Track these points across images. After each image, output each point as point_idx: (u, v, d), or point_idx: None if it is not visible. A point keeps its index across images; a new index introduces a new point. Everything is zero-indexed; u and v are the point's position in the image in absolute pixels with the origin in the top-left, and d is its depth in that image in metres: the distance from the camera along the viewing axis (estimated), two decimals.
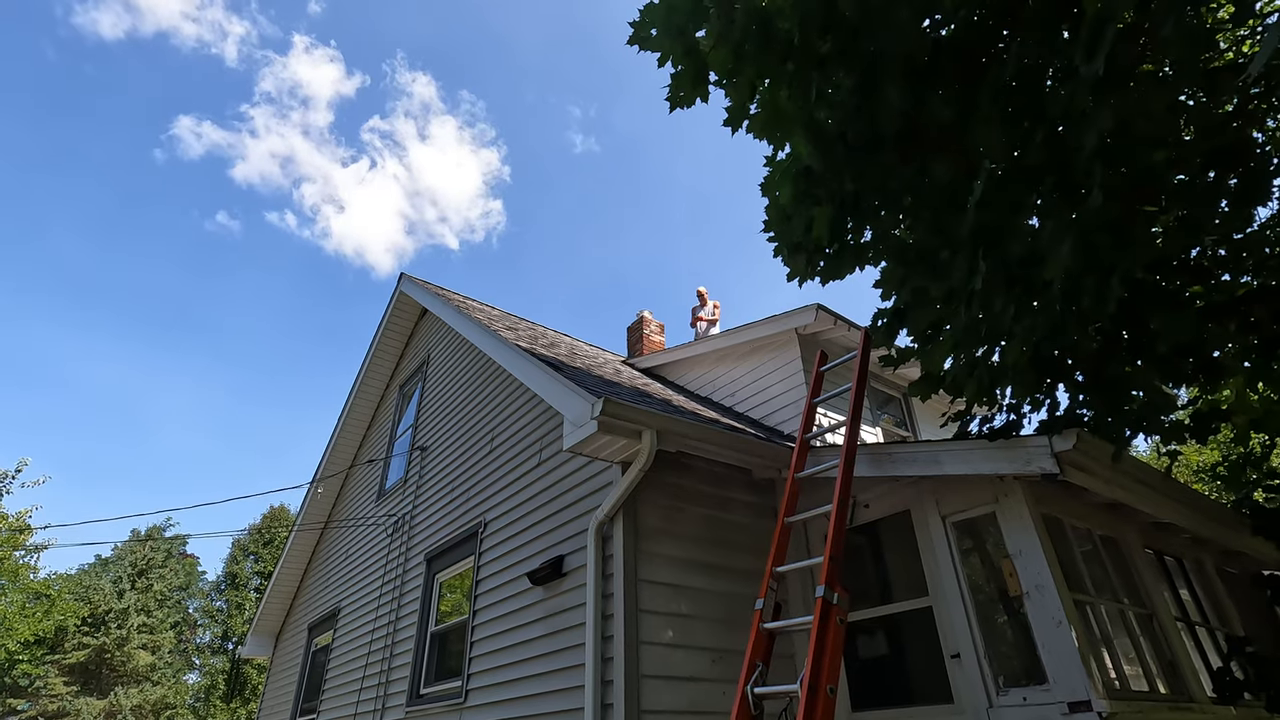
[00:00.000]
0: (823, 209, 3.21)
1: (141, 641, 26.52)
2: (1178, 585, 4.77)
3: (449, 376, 7.65)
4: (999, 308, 2.58)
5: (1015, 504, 3.58)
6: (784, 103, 3.02)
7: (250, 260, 65.38)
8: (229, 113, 64.03)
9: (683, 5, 2.80)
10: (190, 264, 63.48)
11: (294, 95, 66.60)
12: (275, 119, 64.53)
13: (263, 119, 61.96)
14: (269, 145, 63.01)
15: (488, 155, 74.12)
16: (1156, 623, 4.03)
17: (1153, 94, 2.11)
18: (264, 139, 62.28)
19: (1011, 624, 3.59)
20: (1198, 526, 4.66)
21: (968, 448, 3.55)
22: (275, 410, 68.49)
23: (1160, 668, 3.84)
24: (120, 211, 58.28)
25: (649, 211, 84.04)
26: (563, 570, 4.31)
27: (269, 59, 63.23)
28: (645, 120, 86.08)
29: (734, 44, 2.85)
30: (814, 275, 3.61)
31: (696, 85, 3.05)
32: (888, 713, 3.93)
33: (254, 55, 60.18)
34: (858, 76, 2.86)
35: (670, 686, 3.75)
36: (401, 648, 6.31)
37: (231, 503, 67.62)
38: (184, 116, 58.92)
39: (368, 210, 69.40)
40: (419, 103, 71.18)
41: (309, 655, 9.17)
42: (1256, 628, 5.12)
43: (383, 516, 8.01)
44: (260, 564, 30.39)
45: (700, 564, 4.28)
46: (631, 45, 3.05)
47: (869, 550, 4.50)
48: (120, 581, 27.55)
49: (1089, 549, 4.09)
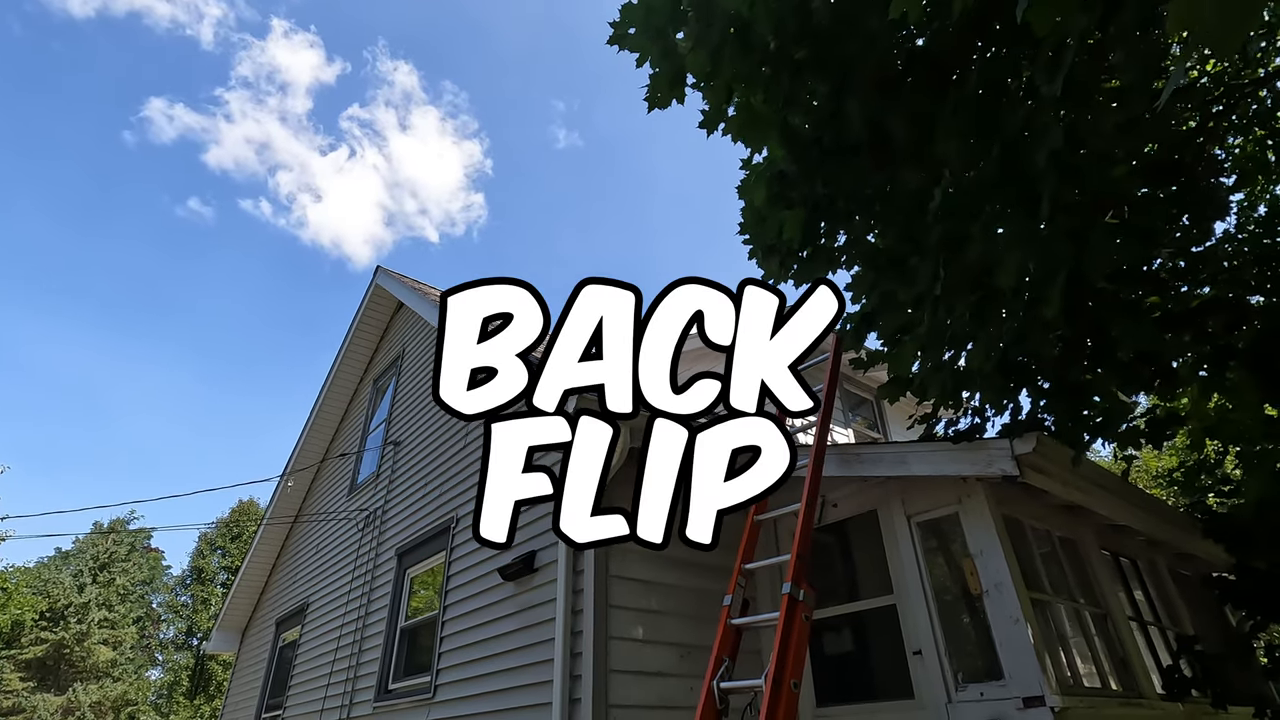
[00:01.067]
0: (795, 212, 3.27)
1: (102, 637, 25.90)
2: (1132, 586, 4.93)
3: (423, 371, 7.60)
4: (960, 313, 2.65)
5: (977, 505, 3.67)
6: (760, 107, 3.07)
7: (223, 248, 63.91)
8: (203, 96, 62.46)
9: (661, 7, 2.83)
10: (160, 249, 61.89)
11: (272, 81, 65.29)
12: (252, 104, 63.22)
13: (238, 104, 60.56)
14: (244, 130, 61.61)
15: (470, 147, 73.42)
16: (1110, 622, 4.16)
17: (1105, 114, 2.19)
18: (239, 124, 60.93)
19: (972, 622, 3.69)
20: (1153, 529, 4.81)
21: (933, 449, 3.63)
22: (245, 399, 67.19)
23: (1113, 665, 3.97)
24: (88, 193, 56.50)
25: (629, 208, 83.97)
26: (534, 566, 4.32)
27: (246, 42, 61.85)
28: (628, 117, 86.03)
29: (711, 47, 2.88)
30: (788, 277, 3.66)
31: (674, 87, 3.08)
32: (851, 708, 4.01)
33: (231, 38, 58.92)
34: (831, 84, 2.91)
35: (639, 681, 3.79)
36: (370, 643, 6.26)
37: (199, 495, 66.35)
38: (156, 98, 57.38)
39: (346, 200, 68.27)
40: (400, 92, 70.25)
41: (276, 651, 9.06)
42: (1205, 627, 5.30)
43: (354, 511, 7.94)
44: (227, 558, 29.84)
45: (670, 559, 4.31)
46: (611, 45, 3.07)
47: (836, 549, 4.58)
48: (81, 575, 26.88)
49: (1048, 550, 4.21)
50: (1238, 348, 3.34)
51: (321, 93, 67.58)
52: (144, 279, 60.51)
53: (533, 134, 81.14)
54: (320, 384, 10.03)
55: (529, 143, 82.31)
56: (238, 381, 67.14)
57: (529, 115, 79.84)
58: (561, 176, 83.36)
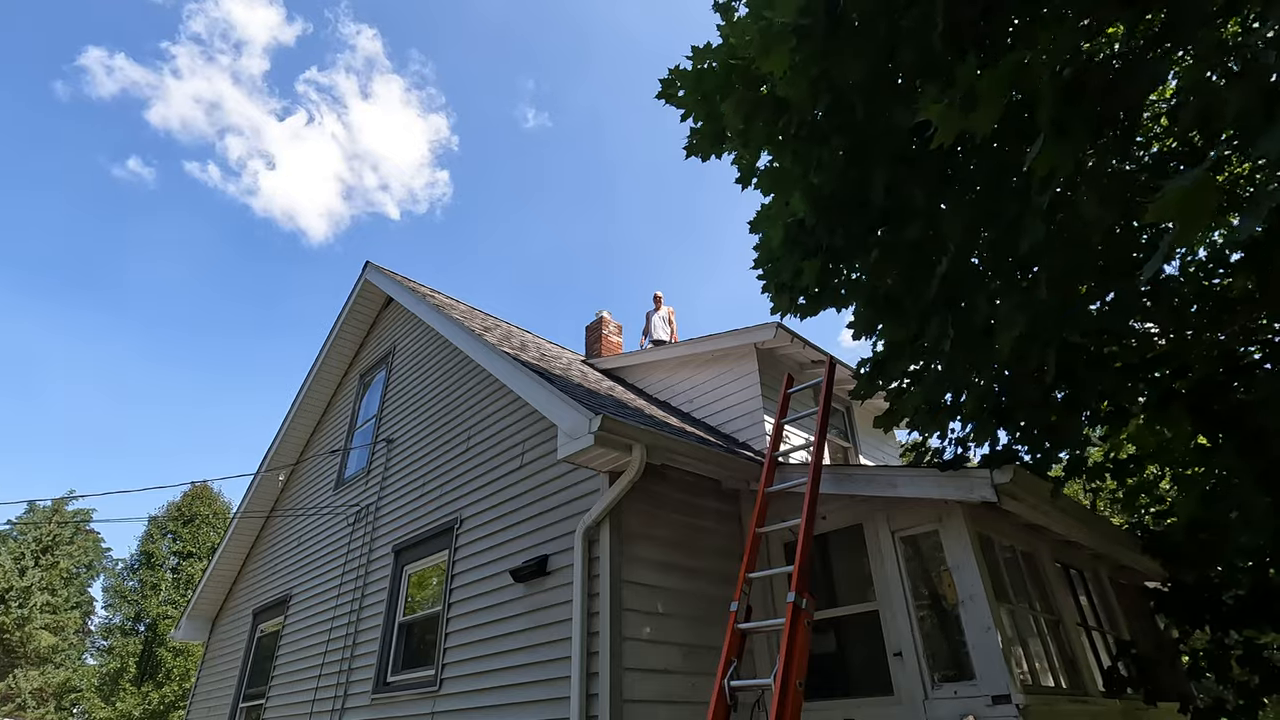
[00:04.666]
0: (812, 262, 3.63)
1: (44, 622, 25.01)
2: (1079, 593, 5.49)
3: (419, 371, 7.76)
4: (964, 365, 3.06)
5: (956, 524, 4.12)
6: (788, 166, 3.42)
7: (164, 213, 59.87)
8: (148, 49, 58.30)
9: (712, 77, 3.14)
10: (92, 212, 57.48)
11: (226, 39, 61.71)
12: (203, 61, 59.51)
13: (188, 59, 57.04)
14: (193, 88, 58.14)
15: (436, 121, 71.33)
16: (1062, 627, 4.68)
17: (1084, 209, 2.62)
18: (188, 81, 57.45)
19: (947, 628, 4.14)
20: (1097, 544, 5.37)
21: (921, 474, 4.06)
22: (189, 372, 64.18)
23: (1064, 665, 4.49)
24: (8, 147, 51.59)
25: (599, 191, 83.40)
26: (547, 569, 4.61)
27: None
28: (602, 99, 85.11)
29: (749, 114, 3.22)
30: (795, 312, 4.03)
31: (714, 143, 3.41)
32: (835, 703, 4.43)
33: None
34: (850, 149, 3.28)
35: (647, 678, 4.13)
36: (366, 636, 6.45)
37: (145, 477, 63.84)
38: (94, 48, 53.51)
39: (301, 170, 65.53)
40: (362, 58, 67.68)
41: (254, 641, 9.11)
42: (1139, 632, 5.93)
43: (342, 506, 8.06)
44: (179, 543, 29.06)
45: (673, 565, 4.66)
46: (659, 99, 3.38)
47: (823, 557, 5.00)
48: (23, 558, 25.85)
49: (1010, 558, 4.70)
50: (1180, 392, 3.86)
51: (280, 54, 64.41)
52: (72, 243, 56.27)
53: (501, 112, 79.34)
54: (298, 372, 10.05)
55: (498, 120, 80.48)
56: (178, 353, 64.01)
57: (498, 92, 77.90)
58: (529, 156, 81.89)
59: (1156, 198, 1.51)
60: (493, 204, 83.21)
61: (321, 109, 63.90)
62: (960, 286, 3.06)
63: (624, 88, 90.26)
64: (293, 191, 66.45)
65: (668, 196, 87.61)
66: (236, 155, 62.73)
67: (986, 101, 2.13)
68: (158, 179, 59.16)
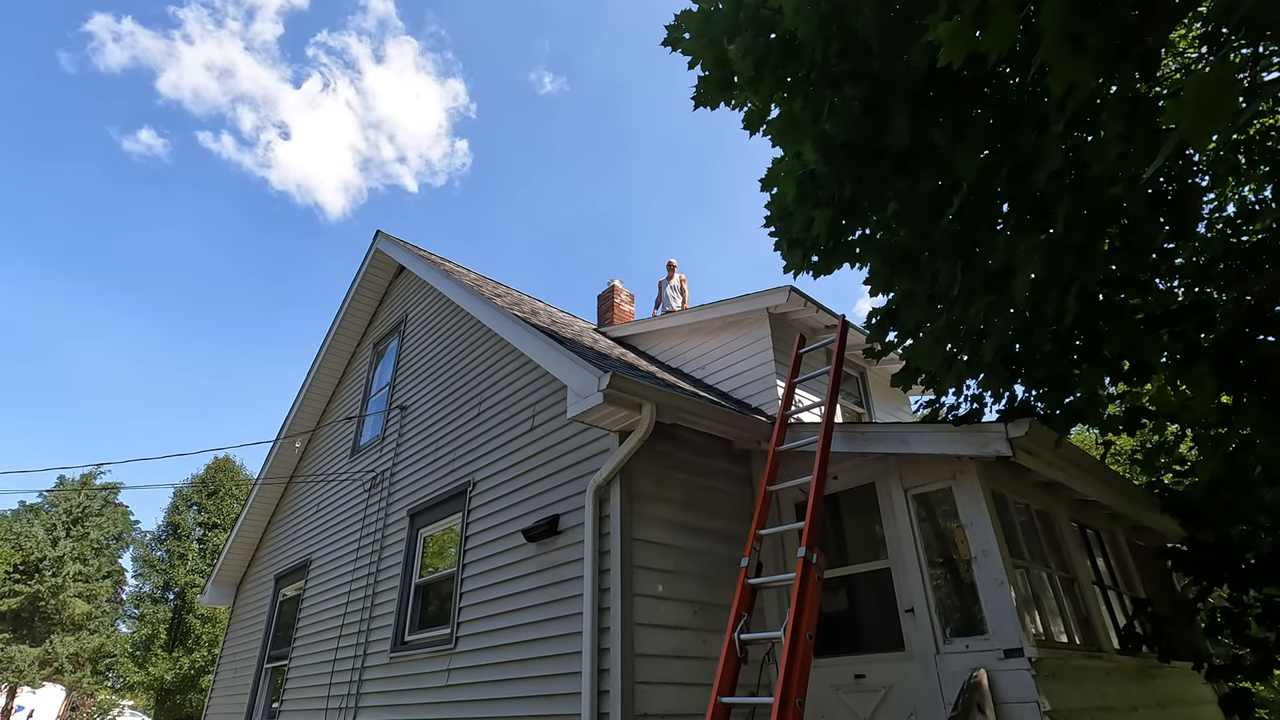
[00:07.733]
0: (823, 211, 3.54)
1: (77, 590, 25.82)
2: (1095, 554, 5.44)
3: (431, 338, 7.77)
4: (976, 311, 2.98)
5: (969, 481, 4.07)
6: (798, 112, 3.31)
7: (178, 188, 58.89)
8: (153, 13, 56.92)
9: (719, 19, 3.04)
10: (104, 186, 56.72)
11: (238, 3, 60.27)
12: (212, 25, 57.95)
13: (197, 25, 55.59)
14: (204, 54, 57.02)
15: (455, 86, 70.24)
16: (1077, 585, 4.65)
17: (1107, 144, 2.51)
18: (199, 47, 56.30)
19: (959, 583, 4.12)
20: (1116, 504, 5.30)
21: (934, 430, 4.00)
22: (208, 346, 64.43)
23: (1077, 623, 4.46)
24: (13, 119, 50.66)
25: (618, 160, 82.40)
26: (558, 529, 4.64)
27: None
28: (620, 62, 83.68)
29: (759, 57, 3.11)
30: (809, 269, 3.95)
31: (723, 90, 3.31)
32: (846, 658, 4.45)
33: None
34: (865, 96, 3.17)
35: (658, 634, 4.16)
36: (384, 598, 6.57)
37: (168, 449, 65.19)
38: (100, 14, 52.33)
39: (317, 140, 64.80)
40: (374, 19, 66.32)
41: (276, 604, 9.33)
42: (1156, 592, 5.88)
43: (359, 472, 8.16)
44: (204, 515, 29.76)
45: (685, 525, 4.67)
46: (665, 46, 3.28)
47: (834, 517, 4.98)
48: (54, 529, 26.61)
49: (1025, 520, 4.66)
50: (1204, 346, 3.75)
51: (293, 17, 62.80)
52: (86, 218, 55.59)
53: (517, 76, 77.83)
54: (316, 345, 10.13)
55: (515, 86, 78.97)
56: (197, 327, 64.28)
57: (514, 55, 76.30)
58: (551, 122, 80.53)
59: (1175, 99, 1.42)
60: (510, 174, 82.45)
61: (335, 73, 62.57)
62: (975, 224, 2.96)
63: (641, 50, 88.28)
64: (308, 165, 65.90)
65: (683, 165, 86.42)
66: (250, 125, 61.88)
67: (998, 17, 2.01)
68: (171, 151, 58.24)
